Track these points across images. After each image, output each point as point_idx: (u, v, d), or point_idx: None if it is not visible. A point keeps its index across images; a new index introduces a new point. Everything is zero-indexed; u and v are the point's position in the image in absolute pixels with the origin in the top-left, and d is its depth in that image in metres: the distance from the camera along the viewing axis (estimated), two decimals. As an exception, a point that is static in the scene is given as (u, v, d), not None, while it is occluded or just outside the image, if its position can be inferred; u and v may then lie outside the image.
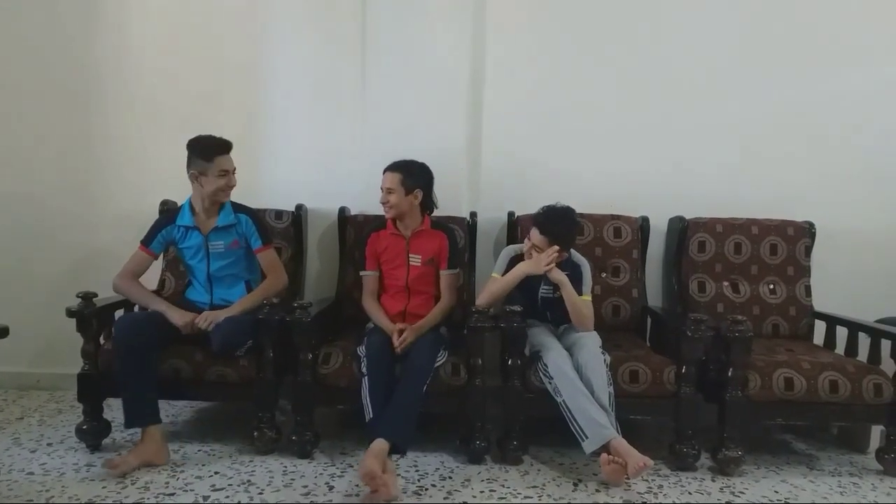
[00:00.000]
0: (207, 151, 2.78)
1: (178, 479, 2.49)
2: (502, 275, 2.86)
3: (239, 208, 2.92)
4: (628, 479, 2.51)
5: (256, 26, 3.42)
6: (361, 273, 3.00)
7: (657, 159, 3.42)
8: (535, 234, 2.80)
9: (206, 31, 3.42)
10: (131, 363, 2.57)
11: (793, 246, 3.26)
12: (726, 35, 3.38)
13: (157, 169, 3.41)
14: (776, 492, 2.55)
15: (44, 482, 2.44)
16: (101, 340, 2.77)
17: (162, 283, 3.22)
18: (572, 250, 2.93)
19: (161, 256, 3.04)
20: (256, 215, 2.96)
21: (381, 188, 2.90)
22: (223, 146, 2.80)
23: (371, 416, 2.54)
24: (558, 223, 2.79)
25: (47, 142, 3.45)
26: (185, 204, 2.89)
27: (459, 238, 3.18)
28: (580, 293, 2.82)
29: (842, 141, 3.41)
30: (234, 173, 2.84)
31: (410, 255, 2.94)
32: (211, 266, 2.87)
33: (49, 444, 2.80)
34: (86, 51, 3.42)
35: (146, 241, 2.88)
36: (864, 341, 2.90)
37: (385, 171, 2.91)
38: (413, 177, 2.89)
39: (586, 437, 2.49)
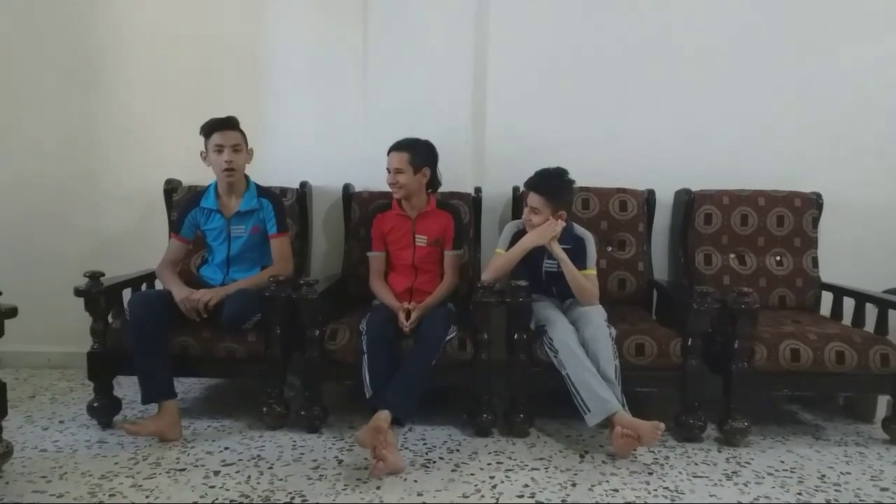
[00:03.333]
0: (206, 128, 2.82)
1: (188, 454, 2.52)
2: (506, 250, 2.86)
3: (263, 192, 2.94)
4: (636, 450, 2.53)
5: (257, 3, 3.39)
6: (368, 254, 3.00)
7: (663, 132, 3.40)
8: (531, 197, 2.79)
9: (207, 10, 3.39)
10: (145, 340, 2.59)
11: (800, 217, 3.24)
12: (734, 6, 3.34)
13: (160, 148, 3.42)
14: (782, 462, 2.56)
15: (56, 459, 2.47)
16: (110, 319, 2.79)
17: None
18: (574, 224, 2.93)
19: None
20: (278, 201, 2.97)
21: (388, 169, 2.88)
22: (220, 122, 2.81)
23: (370, 393, 2.56)
24: (552, 181, 2.79)
25: (50, 123, 3.45)
26: (211, 186, 2.91)
27: (464, 214, 3.18)
28: (584, 267, 2.81)
29: (849, 111, 3.38)
30: (235, 150, 2.81)
31: (416, 236, 2.93)
32: (231, 249, 2.89)
33: (61, 422, 2.83)
34: (87, 32, 3.40)
35: (176, 229, 2.93)
36: (871, 312, 2.89)
37: (391, 151, 2.88)
38: (420, 155, 2.87)
39: (588, 411, 2.51)
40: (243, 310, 2.68)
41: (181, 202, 3.08)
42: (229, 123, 2.83)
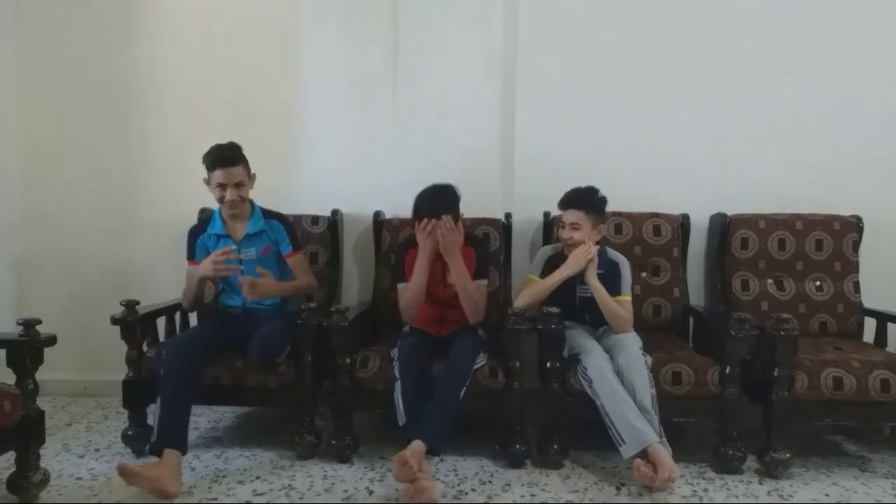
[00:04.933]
0: (208, 162, 2.78)
1: (220, 483, 2.52)
2: (539, 275, 2.83)
3: (270, 214, 2.95)
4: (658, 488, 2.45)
5: (288, 34, 3.46)
6: (398, 285, 2.94)
7: (697, 155, 3.36)
8: (569, 214, 2.78)
9: (239, 40, 3.47)
10: (173, 391, 2.54)
11: (839, 241, 3.16)
12: (762, 25, 3.31)
13: (193, 177, 3.41)
14: (827, 495, 2.47)
15: (92, 487, 2.49)
16: (145, 347, 2.81)
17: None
18: (608, 248, 2.90)
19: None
20: (287, 221, 2.98)
21: (440, 234, 2.68)
22: (220, 159, 2.76)
23: (404, 420, 2.54)
24: (588, 195, 2.79)
25: (86, 153, 3.53)
26: (216, 212, 2.93)
27: (494, 240, 3.16)
28: (618, 293, 2.77)
29: (888, 131, 3.30)
30: (238, 187, 2.78)
31: (447, 273, 2.90)
32: (244, 272, 2.87)
33: (97, 450, 2.86)
34: (122, 62, 3.50)
35: (190, 256, 2.94)
36: (917, 338, 2.81)
37: (437, 214, 2.68)
38: (457, 208, 2.79)
39: (624, 442, 2.45)
40: (272, 348, 2.69)
41: (191, 229, 3.01)
42: (232, 158, 2.77)
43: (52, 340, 2.33)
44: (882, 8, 3.28)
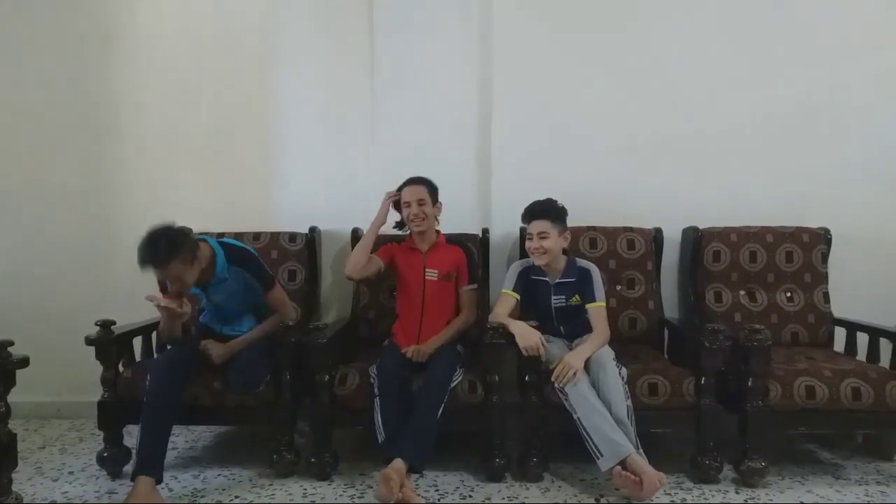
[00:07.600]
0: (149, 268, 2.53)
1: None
2: (513, 289, 2.87)
3: (232, 257, 2.74)
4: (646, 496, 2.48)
5: (266, 55, 3.48)
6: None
7: (669, 170, 3.42)
8: (537, 224, 2.83)
9: (217, 62, 3.49)
10: (155, 418, 2.50)
11: (809, 253, 3.23)
12: (733, 40, 3.39)
13: (172, 199, 3.46)
14: (802, 502, 2.51)
15: (66, 511, 2.46)
16: (121, 368, 2.78)
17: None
18: (576, 258, 2.95)
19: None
20: (250, 262, 2.79)
21: (408, 202, 2.90)
22: (155, 261, 2.48)
23: (383, 437, 2.54)
24: (547, 204, 2.86)
25: (65, 175, 3.51)
26: None
27: (474, 254, 3.20)
28: (593, 299, 2.83)
29: (854, 144, 3.39)
30: (181, 279, 2.56)
31: (427, 270, 2.95)
32: (215, 309, 2.88)
33: (71, 473, 2.82)
34: (100, 85, 3.50)
35: (162, 288, 2.76)
36: (885, 347, 2.86)
37: (410, 184, 2.94)
38: (435, 189, 2.96)
39: (601, 455, 2.47)
40: (251, 378, 2.65)
41: None
42: (164, 260, 2.48)
43: (24, 362, 2.29)
44: (844, 19, 3.37)
